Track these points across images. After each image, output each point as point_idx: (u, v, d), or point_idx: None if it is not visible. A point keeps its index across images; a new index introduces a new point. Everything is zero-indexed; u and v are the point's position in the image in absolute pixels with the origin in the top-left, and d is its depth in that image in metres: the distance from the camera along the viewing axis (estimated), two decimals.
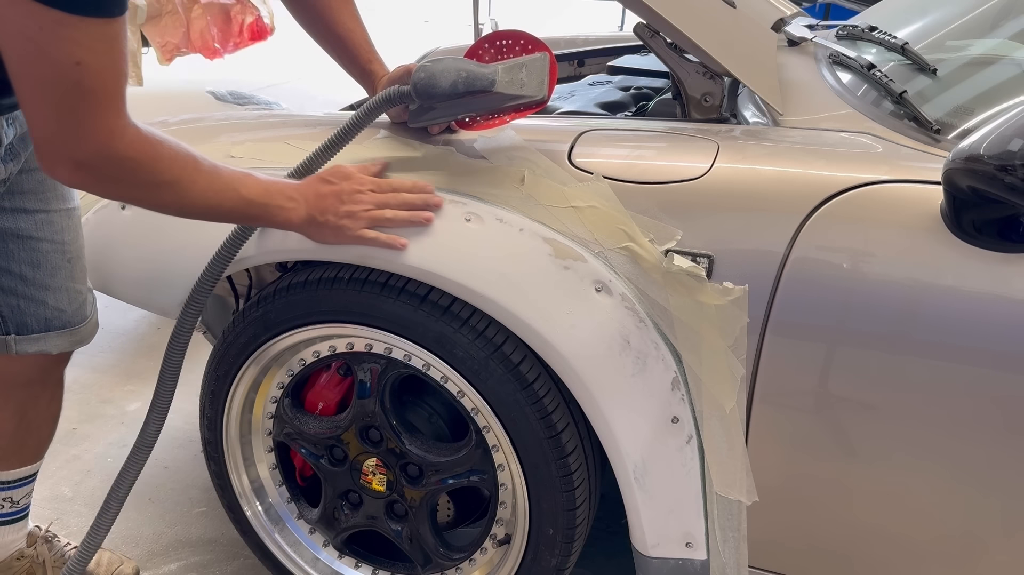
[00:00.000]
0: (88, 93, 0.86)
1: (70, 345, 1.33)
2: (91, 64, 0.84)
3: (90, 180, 0.95)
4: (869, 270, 0.96)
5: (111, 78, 0.87)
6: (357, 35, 1.26)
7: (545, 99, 1.08)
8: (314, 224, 1.07)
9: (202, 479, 1.81)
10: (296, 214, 1.06)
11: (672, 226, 1.02)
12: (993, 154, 0.83)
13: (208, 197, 1.00)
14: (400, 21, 9.48)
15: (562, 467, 1.14)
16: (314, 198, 1.06)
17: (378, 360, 1.23)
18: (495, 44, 1.14)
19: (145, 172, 0.95)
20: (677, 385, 1.04)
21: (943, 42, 1.39)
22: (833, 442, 1.02)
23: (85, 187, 0.99)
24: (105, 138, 0.90)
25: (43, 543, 1.53)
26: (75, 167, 0.92)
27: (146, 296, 1.30)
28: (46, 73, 0.84)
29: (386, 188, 1.09)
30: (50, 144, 0.90)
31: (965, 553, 1.04)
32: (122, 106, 0.90)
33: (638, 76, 1.80)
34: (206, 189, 1.00)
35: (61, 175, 0.94)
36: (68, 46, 0.82)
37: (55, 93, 0.85)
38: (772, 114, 1.17)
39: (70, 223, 1.27)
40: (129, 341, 2.52)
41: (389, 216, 1.07)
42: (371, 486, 1.32)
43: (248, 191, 1.03)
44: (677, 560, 1.13)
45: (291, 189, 1.07)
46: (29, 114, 0.89)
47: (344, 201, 1.07)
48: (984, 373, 0.94)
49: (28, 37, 0.82)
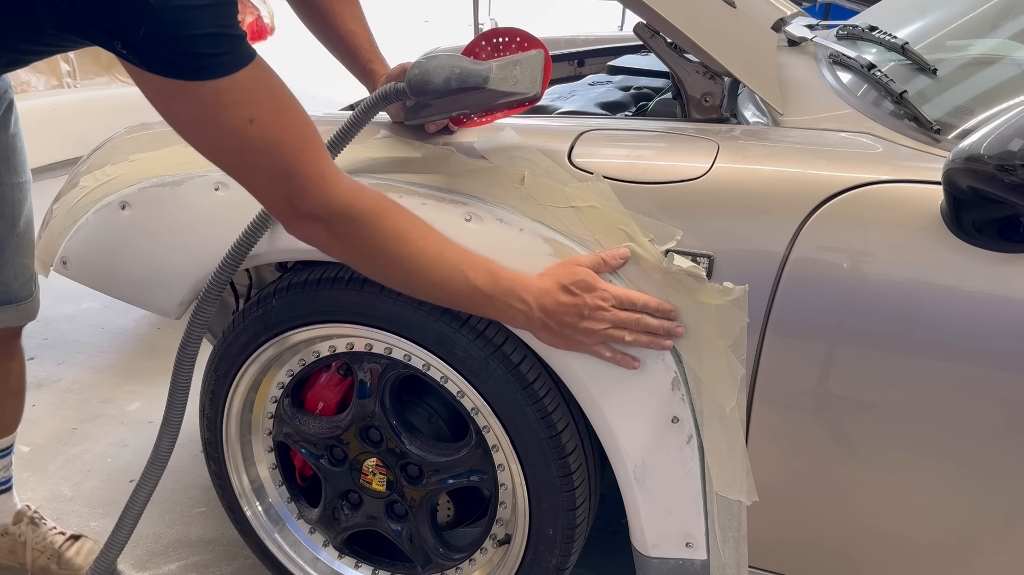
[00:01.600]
0: (277, 144, 0.87)
1: (15, 320, 1.36)
2: (262, 116, 0.86)
3: (325, 234, 0.94)
4: (869, 270, 0.96)
5: (291, 122, 0.89)
6: (359, 35, 1.26)
7: (538, 96, 1.08)
8: (546, 330, 1.01)
9: (202, 479, 1.81)
10: (525, 317, 1.00)
11: (672, 226, 1.02)
12: (993, 154, 0.83)
13: (433, 273, 0.97)
14: (400, 21, 9.48)
15: (562, 467, 1.14)
16: (552, 307, 0.99)
17: (378, 360, 1.23)
18: (491, 42, 1.14)
19: (371, 229, 0.94)
20: (677, 385, 1.04)
21: (943, 42, 1.39)
22: (833, 442, 1.02)
23: (324, 245, 0.97)
24: (319, 183, 0.90)
25: (28, 523, 1.54)
26: (310, 220, 0.93)
27: (146, 296, 1.30)
28: (232, 143, 0.86)
29: (628, 305, 1.01)
30: (279, 211, 0.93)
31: (965, 553, 1.04)
32: (321, 149, 0.92)
33: (638, 76, 1.79)
34: (432, 263, 0.97)
35: (302, 232, 0.95)
36: (234, 110, 0.84)
37: (251, 159, 0.87)
38: (772, 114, 1.17)
39: (21, 197, 1.29)
40: (129, 341, 2.52)
41: (629, 340, 1.01)
42: (371, 486, 1.32)
43: (476, 277, 0.98)
44: (677, 560, 1.13)
45: (524, 288, 1.00)
46: (254, 194, 0.92)
47: (584, 317, 1.00)
48: (984, 373, 0.94)
49: (199, 120, 0.85)
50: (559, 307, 0.99)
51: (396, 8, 10.18)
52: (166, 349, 2.43)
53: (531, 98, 1.08)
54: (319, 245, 0.97)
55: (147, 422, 2.07)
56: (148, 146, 1.30)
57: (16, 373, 1.46)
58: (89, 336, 2.54)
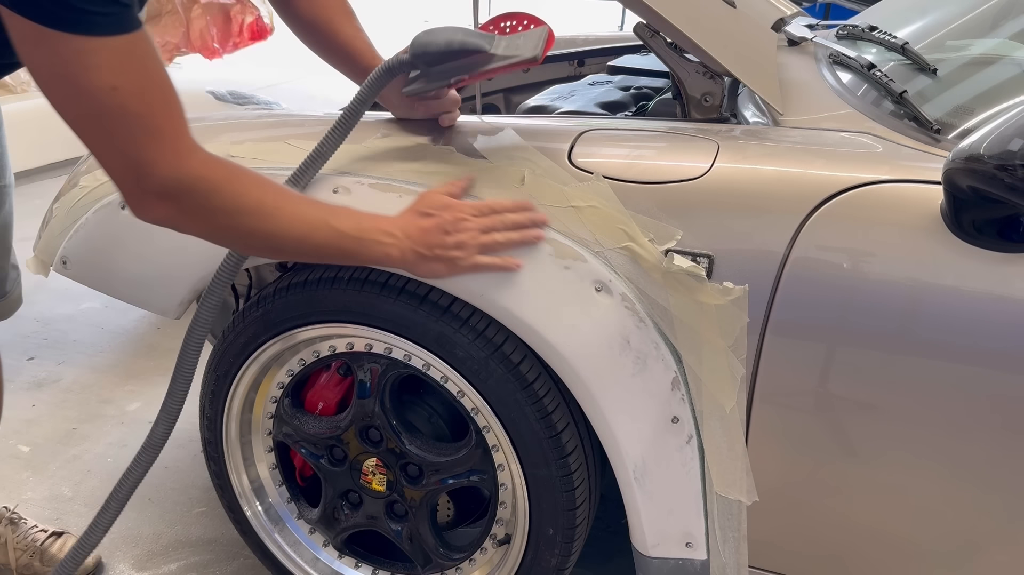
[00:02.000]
0: (136, 117, 0.84)
1: None
2: (127, 87, 0.83)
3: (175, 212, 0.92)
4: (869, 270, 0.96)
5: (156, 97, 0.86)
6: (358, 41, 1.26)
7: (537, 58, 1.06)
8: (421, 258, 1.01)
9: (202, 479, 1.81)
10: (396, 250, 1.00)
11: (672, 226, 1.02)
12: (993, 154, 0.83)
13: (296, 226, 0.96)
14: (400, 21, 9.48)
15: (562, 467, 1.14)
16: (417, 233, 1.01)
17: (378, 360, 1.23)
18: (498, 25, 1.15)
19: (224, 195, 0.92)
20: (677, 385, 1.04)
21: (943, 42, 1.39)
22: (833, 442, 1.02)
23: (174, 224, 0.95)
24: (173, 160, 0.88)
25: (7, 524, 1.55)
26: (156, 199, 0.90)
27: (146, 296, 1.30)
28: (89, 107, 0.83)
29: (487, 211, 1.03)
30: (127, 185, 0.90)
31: (965, 553, 1.04)
32: (181, 126, 0.89)
33: (638, 76, 1.80)
34: (293, 217, 0.96)
35: (149, 214, 0.93)
36: (97, 73, 0.81)
37: (106, 126, 0.85)
38: (772, 114, 1.17)
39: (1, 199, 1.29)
40: (129, 341, 2.52)
41: (500, 240, 1.02)
42: (371, 486, 1.32)
43: (340, 223, 0.98)
44: (677, 560, 1.13)
45: (387, 223, 1.01)
46: (102, 163, 0.89)
47: (449, 231, 1.01)
48: (984, 373, 0.94)
49: (59, 75, 0.82)
50: (423, 231, 1.01)
51: (396, 8, 10.17)
52: (166, 349, 2.44)
53: (530, 59, 1.06)
54: (171, 224, 0.95)
55: (147, 422, 2.07)
56: None
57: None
58: (89, 336, 2.54)
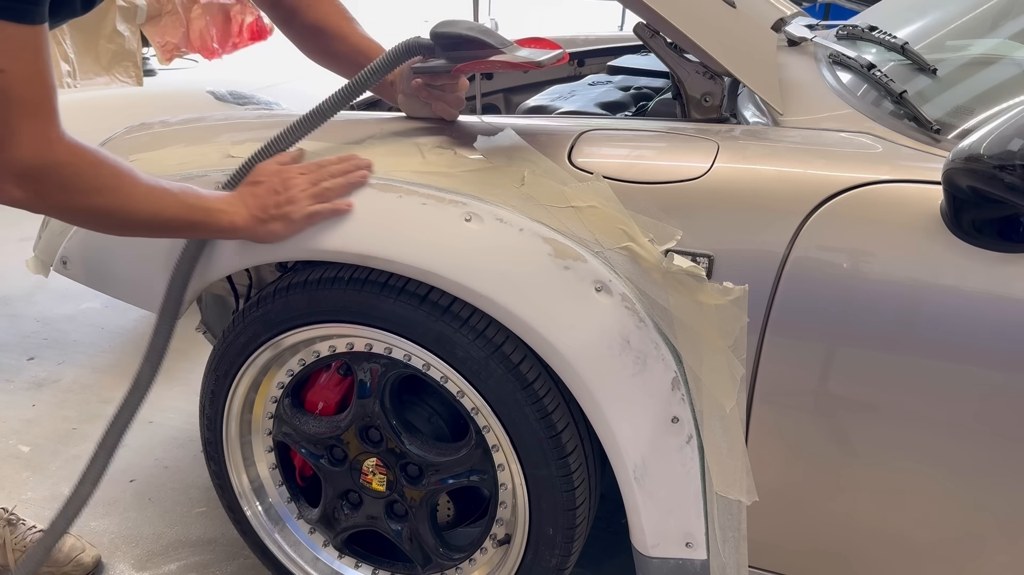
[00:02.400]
0: (16, 101, 0.88)
1: None
2: (15, 72, 0.87)
3: (32, 193, 0.95)
4: (869, 270, 0.96)
5: (39, 86, 0.90)
6: (371, 49, 1.26)
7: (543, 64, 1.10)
8: (260, 222, 1.08)
9: (202, 479, 1.81)
10: (239, 216, 1.07)
11: (672, 226, 1.02)
12: (993, 154, 0.83)
13: (149, 203, 1.02)
14: (400, 21, 9.48)
15: (562, 467, 1.14)
16: (251, 199, 1.08)
17: (378, 360, 1.23)
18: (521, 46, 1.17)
19: (85, 178, 0.97)
20: (677, 385, 1.04)
21: (943, 42, 1.39)
22: (833, 442, 1.02)
23: (29, 204, 0.97)
24: (41, 146, 0.92)
25: (5, 525, 1.55)
26: (17, 180, 0.93)
27: (146, 296, 1.30)
28: None
29: (313, 168, 1.11)
30: None
31: (965, 553, 1.04)
32: (54, 115, 0.93)
33: (638, 76, 1.80)
34: (146, 195, 1.01)
35: (6, 193, 0.95)
36: None
37: None
38: (772, 114, 1.17)
39: None
40: (129, 341, 2.52)
41: (328, 186, 1.09)
42: (371, 486, 1.32)
43: (187, 198, 1.05)
44: (677, 560, 1.13)
45: (227, 196, 1.09)
46: None
47: (279, 191, 1.09)
48: (984, 373, 0.94)
49: None
50: (256, 196, 1.08)
51: (396, 8, 10.18)
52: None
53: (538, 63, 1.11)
54: (25, 206, 0.98)
55: (147, 422, 2.07)
56: (148, 146, 1.30)
57: None
58: (89, 336, 2.54)
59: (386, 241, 1.10)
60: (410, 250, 1.08)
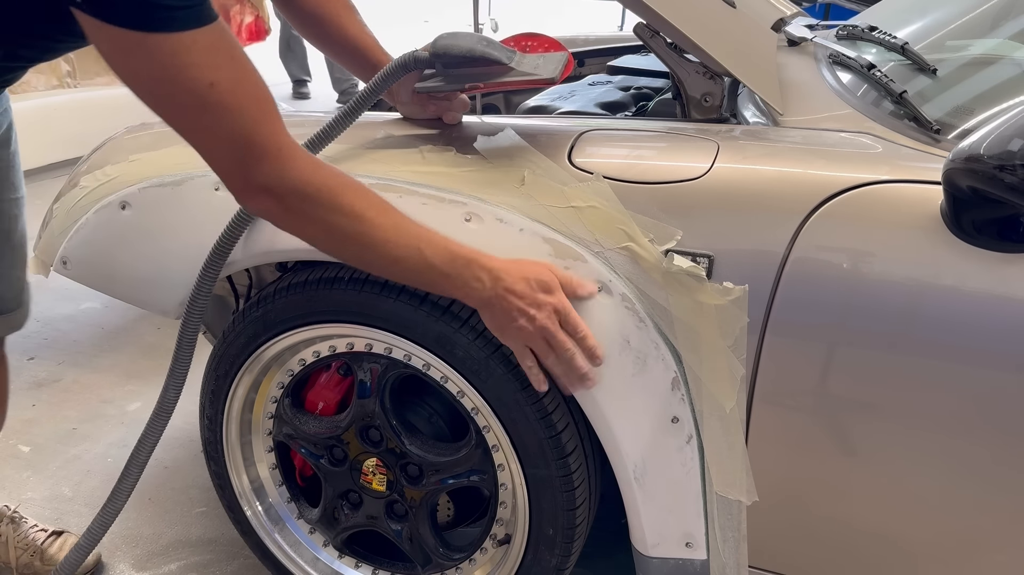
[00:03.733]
0: (236, 111, 0.87)
1: (5, 330, 1.36)
2: (223, 81, 0.85)
3: (276, 208, 0.94)
4: (869, 270, 0.96)
5: (251, 89, 0.88)
6: (365, 37, 1.26)
7: (555, 80, 1.09)
8: (489, 309, 1.00)
9: (202, 479, 1.81)
10: (481, 295, 0.99)
11: (672, 226, 1.02)
12: (993, 154, 0.83)
13: (389, 249, 0.96)
14: (400, 21, 9.48)
15: (562, 467, 1.14)
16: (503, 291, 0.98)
17: (378, 360, 1.23)
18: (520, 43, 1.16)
19: (326, 201, 0.93)
20: (677, 385, 1.04)
21: (943, 42, 1.39)
22: (833, 442, 1.02)
23: (274, 218, 0.96)
24: (275, 154, 0.90)
25: (8, 523, 1.56)
26: (258, 192, 0.92)
27: (146, 296, 1.30)
28: (192, 105, 0.86)
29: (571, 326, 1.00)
30: (231, 177, 0.92)
31: (965, 553, 1.04)
32: (279, 121, 0.91)
33: (638, 76, 1.80)
34: (388, 238, 0.95)
35: (252, 205, 0.95)
36: (193, 71, 0.83)
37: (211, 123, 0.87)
38: (772, 114, 1.17)
39: (17, 212, 1.30)
40: (129, 341, 2.52)
41: (549, 362, 1.02)
42: (371, 486, 1.32)
43: (433, 254, 0.97)
44: (677, 560, 1.13)
45: (482, 269, 0.98)
46: (208, 160, 0.91)
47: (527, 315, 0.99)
48: (984, 373, 0.94)
49: (157, 79, 0.84)
50: (510, 292, 0.98)
51: (396, 8, 10.18)
52: (166, 349, 2.42)
53: (547, 80, 1.09)
54: (271, 219, 0.97)
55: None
56: (148, 146, 1.30)
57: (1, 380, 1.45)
58: (89, 336, 2.54)
59: None
60: None
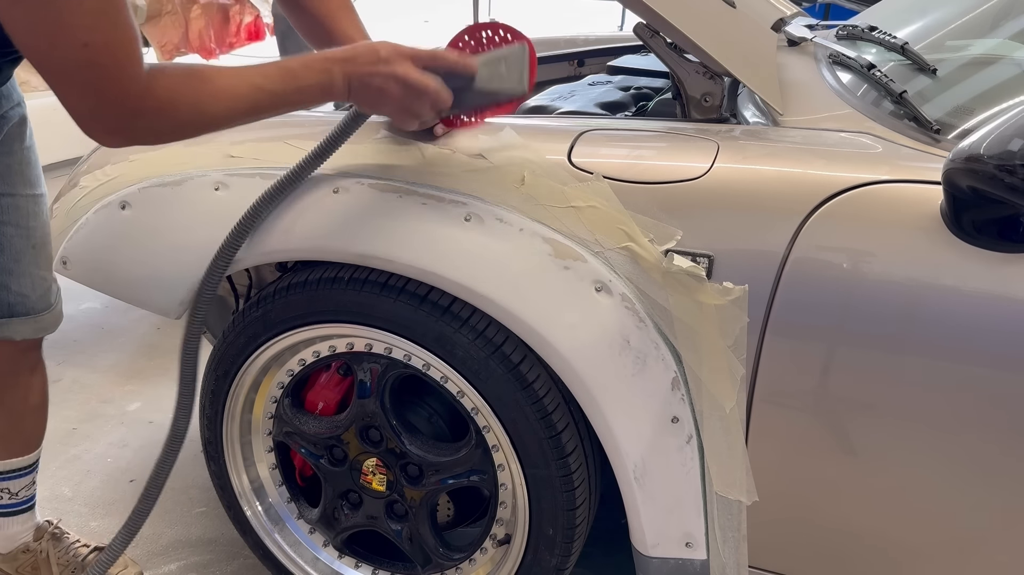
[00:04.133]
0: (102, 68, 0.89)
1: (34, 332, 1.34)
2: (97, 42, 0.87)
3: (130, 138, 0.98)
4: (869, 270, 0.96)
5: (120, 48, 0.90)
6: (358, 38, 1.26)
7: (525, 92, 1.08)
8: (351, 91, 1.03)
9: (202, 479, 1.81)
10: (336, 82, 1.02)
11: (672, 226, 1.02)
12: (993, 154, 0.83)
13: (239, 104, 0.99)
14: (400, 21, 9.48)
15: (562, 467, 1.14)
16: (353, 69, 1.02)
17: (378, 360, 1.23)
18: (475, 36, 1.15)
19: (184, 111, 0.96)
20: (677, 385, 1.04)
21: (943, 42, 1.39)
22: (833, 442, 1.02)
23: (135, 144, 1.02)
24: (132, 103, 0.92)
25: (49, 539, 1.52)
26: (114, 133, 0.95)
27: (146, 296, 1.30)
28: (60, 61, 0.88)
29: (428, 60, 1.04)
30: (85, 121, 0.94)
31: (965, 553, 1.04)
32: (138, 68, 0.92)
33: (638, 76, 1.79)
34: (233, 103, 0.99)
35: (109, 143, 0.98)
36: (72, 32, 0.85)
37: (73, 76, 0.89)
38: (772, 114, 1.17)
39: (36, 209, 1.29)
40: (129, 341, 2.52)
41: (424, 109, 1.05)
42: (371, 486, 1.32)
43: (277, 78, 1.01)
44: (677, 560, 1.13)
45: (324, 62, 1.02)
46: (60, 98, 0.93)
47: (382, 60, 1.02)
48: (984, 373, 0.94)
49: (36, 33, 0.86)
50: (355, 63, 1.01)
51: (396, 8, 10.17)
52: (166, 349, 2.43)
53: (518, 95, 1.08)
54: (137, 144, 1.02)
55: (147, 422, 2.07)
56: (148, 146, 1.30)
57: (38, 388, 1.43)
58: (89, 336, 2.54)
59: (386, 241, 1.10)
60: (410, 250, 1.08)
